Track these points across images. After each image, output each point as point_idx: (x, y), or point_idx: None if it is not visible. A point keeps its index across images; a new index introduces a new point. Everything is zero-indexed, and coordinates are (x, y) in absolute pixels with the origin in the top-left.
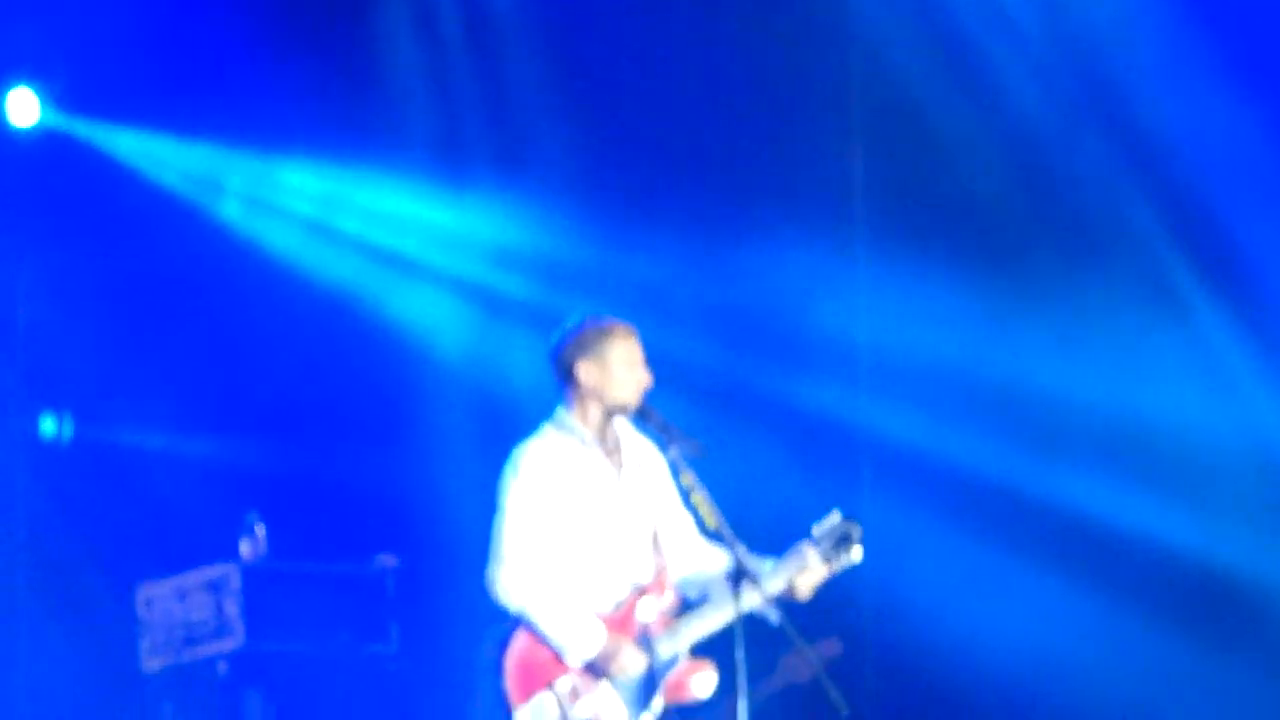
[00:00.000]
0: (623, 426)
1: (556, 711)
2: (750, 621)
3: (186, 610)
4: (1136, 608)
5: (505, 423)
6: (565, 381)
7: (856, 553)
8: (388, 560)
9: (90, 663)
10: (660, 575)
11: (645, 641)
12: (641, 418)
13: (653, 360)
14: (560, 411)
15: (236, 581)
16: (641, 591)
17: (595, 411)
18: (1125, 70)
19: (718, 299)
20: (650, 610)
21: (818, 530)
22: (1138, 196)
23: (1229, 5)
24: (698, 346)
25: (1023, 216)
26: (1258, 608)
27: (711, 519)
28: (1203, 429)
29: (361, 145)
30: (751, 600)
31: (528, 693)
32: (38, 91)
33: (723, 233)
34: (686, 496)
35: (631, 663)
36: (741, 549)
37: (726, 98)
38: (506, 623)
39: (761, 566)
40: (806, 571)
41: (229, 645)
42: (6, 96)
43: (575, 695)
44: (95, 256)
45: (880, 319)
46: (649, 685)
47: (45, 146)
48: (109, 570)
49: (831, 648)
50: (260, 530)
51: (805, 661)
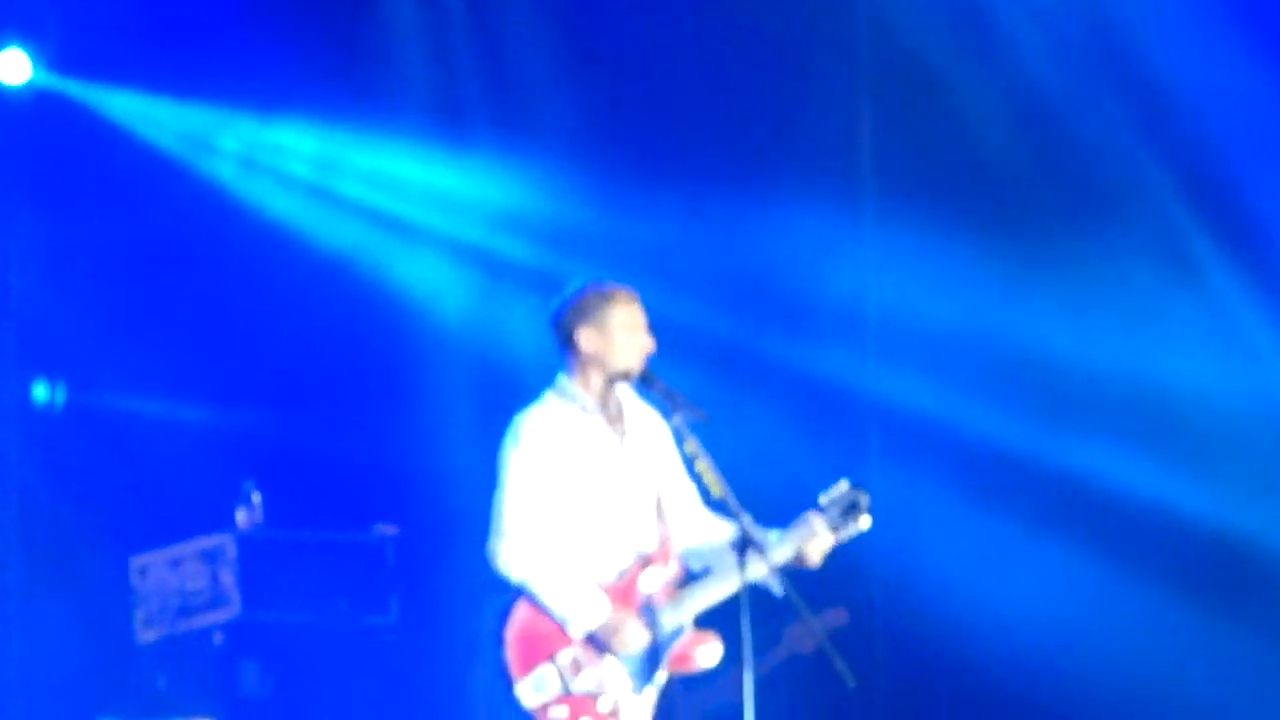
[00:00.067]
0: (625, 394)
1: (558, 684)
2: (755, 592)
3: (181, 580)
4: (1149, 577)
5: (507, 390)
6: (566, 348)
7: (864, 521)
8: (387, 529)
9: (84, 634)
10: (664, 545)
11: (649, 612)
12: (645, 384)
13: (656, 325)
14: (562, 378)
15: (232, 551)
16: (645, 561)
17: (597, 378)
18: (1139, 28)
19: (722, 263)
20: (654, 581)
21: (825, 499)
22: (1152, 158)
23: None
24: (702, 311)
25: (1034, 179)
26: (1274, 576)
27: (716, 487)
28: (1218, 395)
29: (360, 107)
30: (757, 570)
31: (529, 665)
32: (29, 52)
33: (728, 196)
34: (690, 464)
35: (634, 634)
36: (747, 518)
37: (731, 58)
38: (507, 594)
39: (767, 537)
40: (814, 539)
41: (225, 616)
42: None
43: (577, 667)
44: (88, 219)
45: (888, 283)
46: (653, 657)
47: (37, 107)
48: (102, 540)
49: (838, 618)
50: (256, 499)
51: (810, 632)
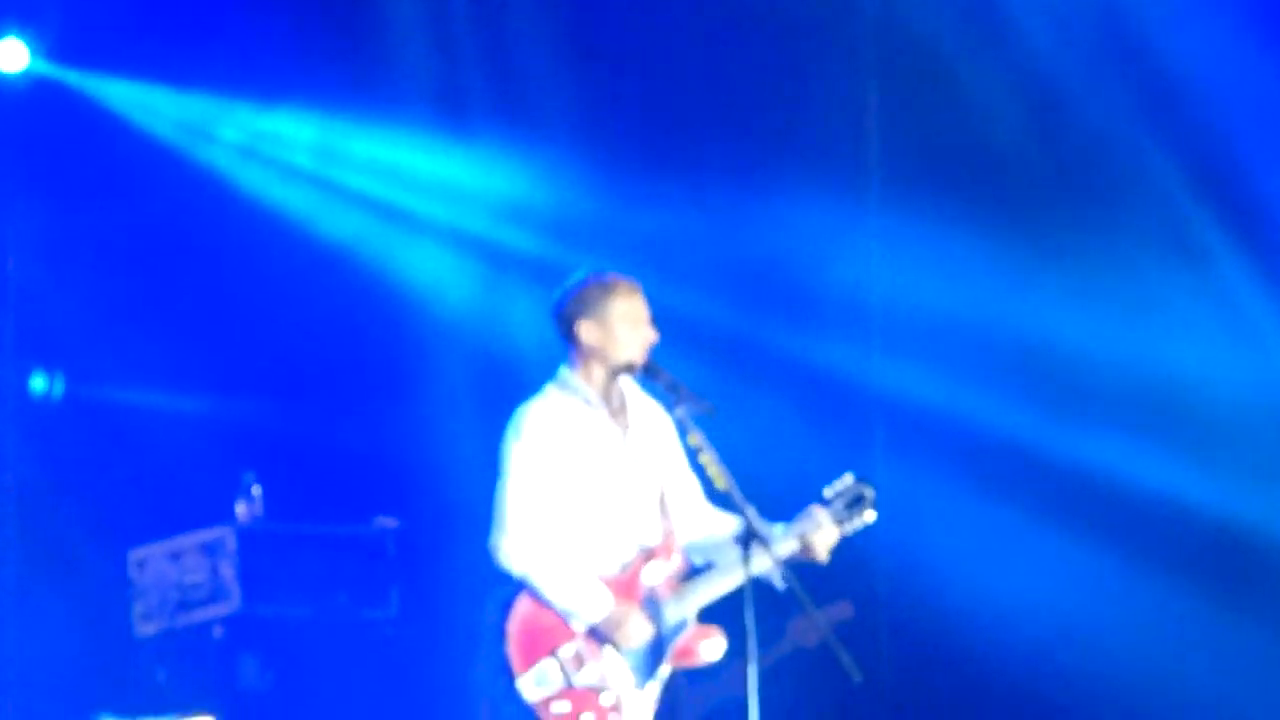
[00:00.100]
0: (628, 386)
1: (560, 678)
2: (758, 586)
3: (181, 573)
4: (1155, 569)
5: (509, 382)
6: (567, 341)
7: (869, 514)
8: (388, 522)
9: (81, 628)
10: (668, 538)
11: (652, 606)
12: (648, 376)
13: (659, 317)
14: (564, 371)
15: (232, 544)
16: (648, 555)
17: (599, 371)
18: (1146, 17)
19: (726, 254)
20: (657, 574)
21: (830, 492)
22: (1159, 147)
23: None
24: (706, 302)
25: (1041, 168)
26: None
27: (720, 480)
28: (1225, 385)
29: (360, 96)
30: (761, 564)
31: (531, 659)
32: (27, 41)
33: (732, 186)
34: (694, 457)
35: (637, 628)
36: (751, 511)
37: (736, 48)
38: (509, 587)
39: (771, 530)
40: (819, 533)
41: (224, 609)
42: None
43: (580, 661)
44: (86, 209)
45: (893, 274)
46: (656, 651)
47: (34, 96)
48: (101, 532)
49: (842, 611)
50: (256, 491)
51: (815, 625)
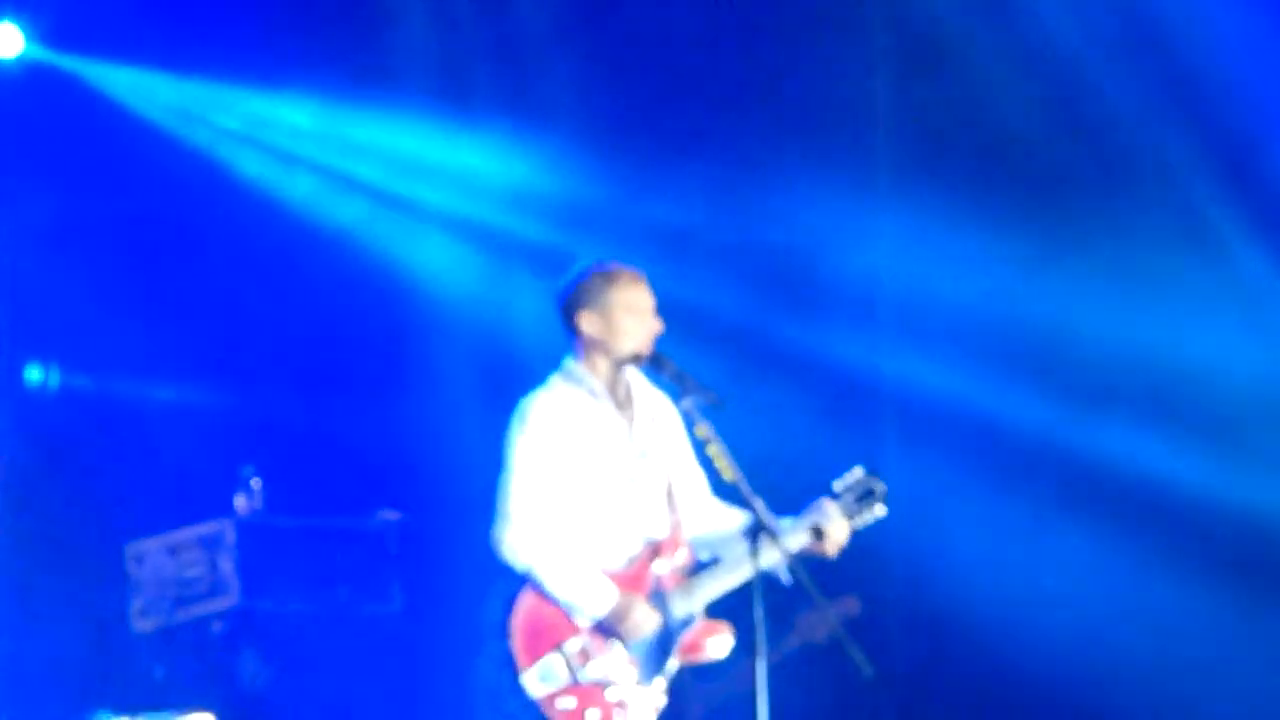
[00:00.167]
0: (635, 377)
1: (566, 673)
2: (765, 580)
3: (179, 568)
4: (1177, 562)
5: (513, 373)
6: (571, 332)
7: (880, 508)
8: (390, 515)
9: (78, 623)
10: (674, 532)
11: (659, 600)
12: (655, 367)
13: (666, 307)
14: (569, 362)
15: (231, 537)
16: (655, 548)
17: (603, 362)
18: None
19: (735, 243)
20: (664, 568)
21: (839, 485)
22: (1174, 132)
23: None
24: (714, 293)
25: (1055, 156)
26: None
27: (728, 472)
28: (1245, 375)
29: (363, 81)
30: (770, 557)
31: (536, 655)
32: (21, 26)
33: (740, 174)
34: (701, 449)
35: (644, 622)
36: (760, 504)
37: (744, 34)
38: (513, 581)
39: (780, 524)
40: (829, 527)
41: (223, 604)
42: None
43: (585, 656)
44: (82, 196)
45: (906, 263)
46: (663, 646)
47: (29, 81)
48: (97, 526)
49: (850, 606)
50: (256, 484)
51: (823, 620)
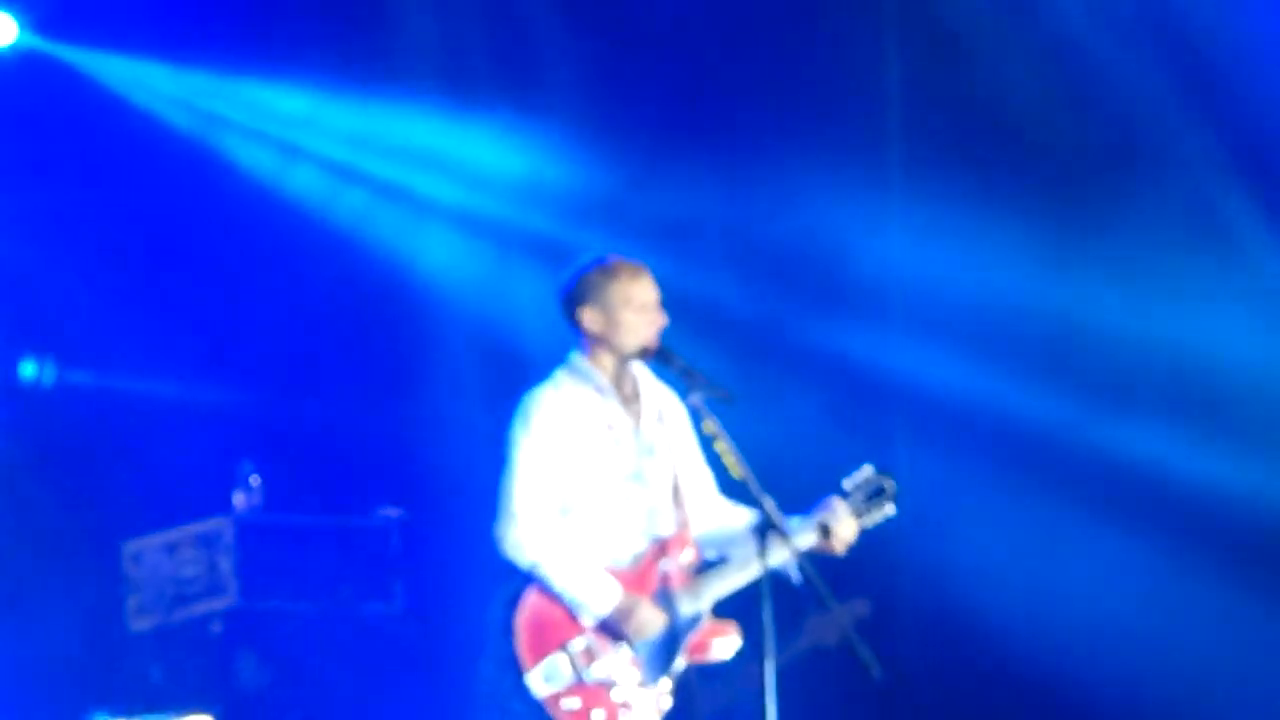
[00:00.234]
0: (641, 372)
1: (571, 673)
2: (774, 582)
3: (177, 566)
4: (1195, 562)
5: (517, 368)
6: (574, 328)
7: (889, 508)
8: (392, 513)
9: (74, 623)
10: (682, 529)
11: (665, 599)
12: (661, 361)
13: (674, 301)
14: (575, 357)
15: (230, 536)
16: (661, 546)
17: (608, 358)
18: None
19: (744, 236)
20: (670, 566)
21: (849, 484)
22: (1193, 123)
23: None
24: (723, 287)
25: (1071, 149)
26: None
27: (736, 469)
28: (1265, 371)
29: (364, 72)
30: (779, 556)
31: (540, 654)
32: (15, 15)
33: (750, 167)
34: (709, 445)
35: (649, 621)
36: (769, 501)
37: (756, 25)
38: (517, 580)
39: (788, 523)
40: (838, 525)
41: (222, 604)
42: None
43: (590, 656)
44: (76, 188)
45: (918, 258)
46: (669, 646)
47: (23, 70)
48: (94, 524)
49: (860, 609)
50: (255, 481)
51: (833, 622)
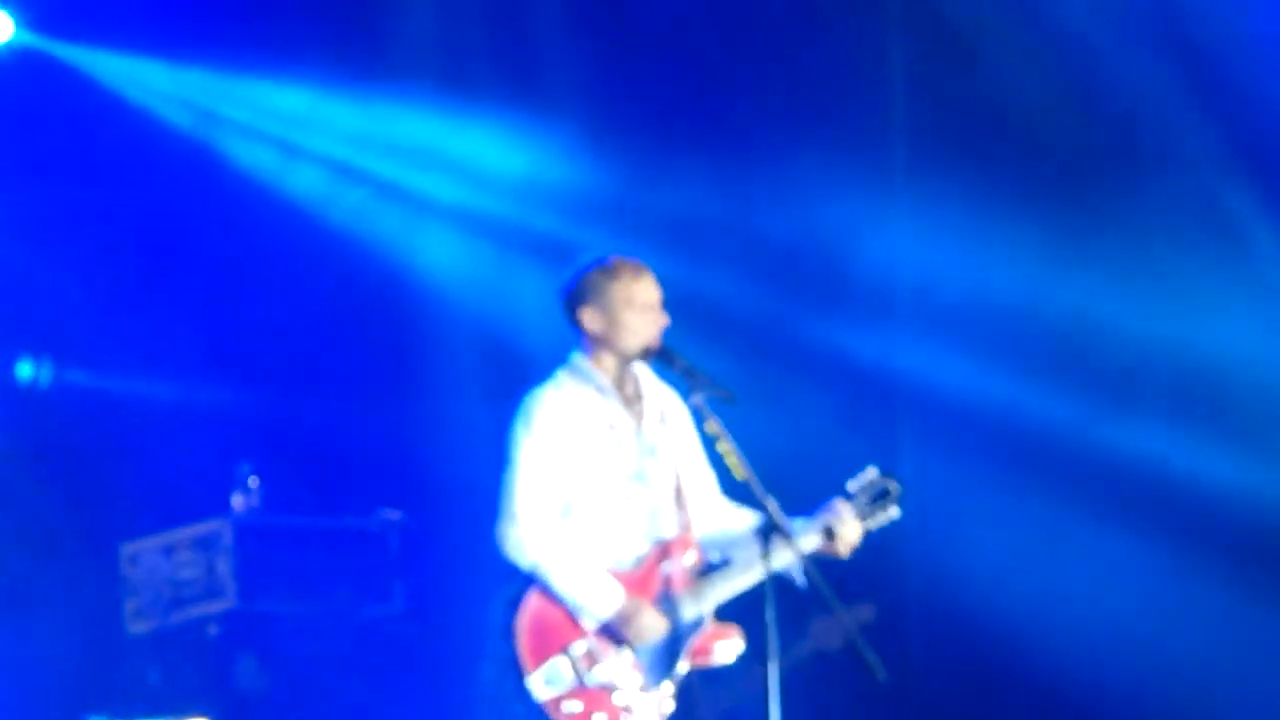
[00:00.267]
0: (644, 372)
1: (572, 677)
2: (778, 585)
3: (175, 569)
4: (1202, 563)
5: (518, 368)
6: (575, 329)
7: (894, 510)
8: (391, 514)
9: (72, 625)
10: (684, 531)
11: (667, 602)
12: (663, 361)
13: (677, 301)
14: (576, 357)
15: (228, 538)
16: (664, 548)
17: (610, 358)
18: None
19: (747, 234)
20: (673, 568)
21: (853, 486)
22: (1197, 120)
23: None
24: (726, 287)
25: (1075, 147)
26: None
27: (739, 470)
28: (1272, 371)
29: (364, 71)
30: (782, 558)
31: (541, 657)
32: (12, 12)
33: (753, 165)
34: (711, 446)
35: (651, 624)
36: (772, 503)
37: (758, 22)
38: (518, 582)
39: (791, 525)
40: (842, 528)
41: (220, 606)
42: None
43: (592, 659)
44: (76, 186)
45: (923, 256)
46: (671, 649)
47: (20, 68)
48: (91, 526)
49: (865, 613)
50: (254, 483)
51: (838, 624)
